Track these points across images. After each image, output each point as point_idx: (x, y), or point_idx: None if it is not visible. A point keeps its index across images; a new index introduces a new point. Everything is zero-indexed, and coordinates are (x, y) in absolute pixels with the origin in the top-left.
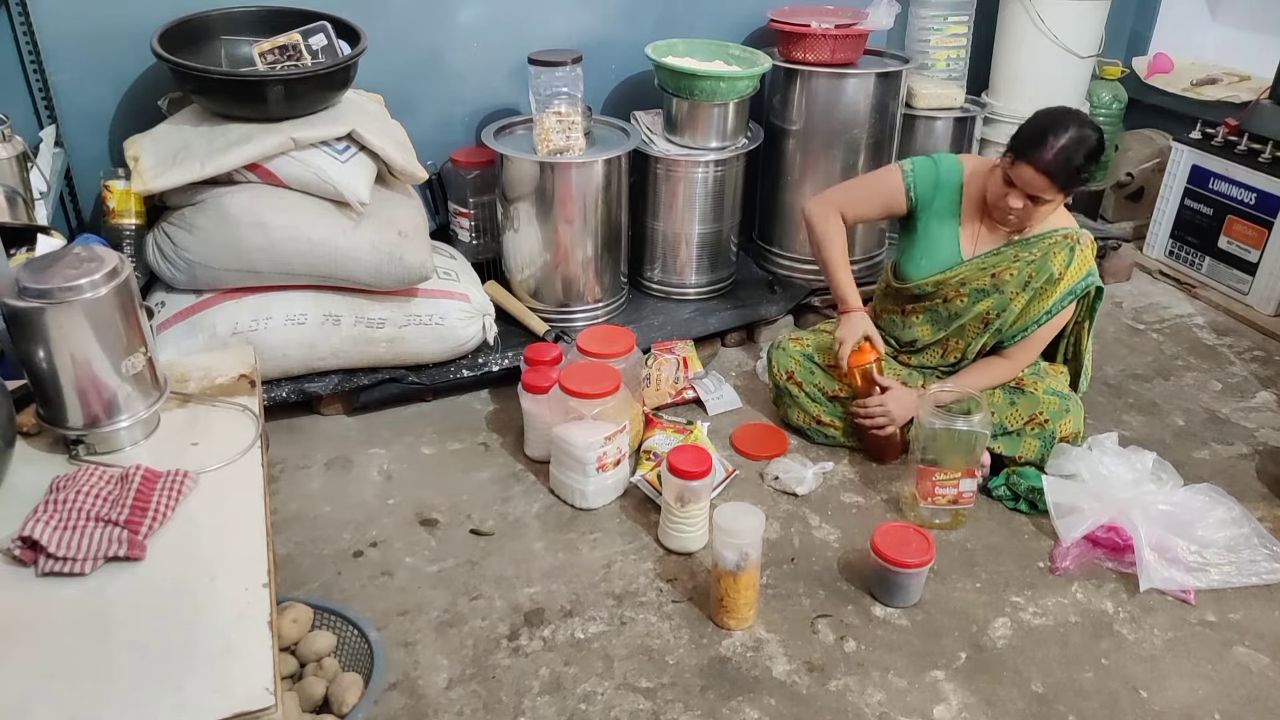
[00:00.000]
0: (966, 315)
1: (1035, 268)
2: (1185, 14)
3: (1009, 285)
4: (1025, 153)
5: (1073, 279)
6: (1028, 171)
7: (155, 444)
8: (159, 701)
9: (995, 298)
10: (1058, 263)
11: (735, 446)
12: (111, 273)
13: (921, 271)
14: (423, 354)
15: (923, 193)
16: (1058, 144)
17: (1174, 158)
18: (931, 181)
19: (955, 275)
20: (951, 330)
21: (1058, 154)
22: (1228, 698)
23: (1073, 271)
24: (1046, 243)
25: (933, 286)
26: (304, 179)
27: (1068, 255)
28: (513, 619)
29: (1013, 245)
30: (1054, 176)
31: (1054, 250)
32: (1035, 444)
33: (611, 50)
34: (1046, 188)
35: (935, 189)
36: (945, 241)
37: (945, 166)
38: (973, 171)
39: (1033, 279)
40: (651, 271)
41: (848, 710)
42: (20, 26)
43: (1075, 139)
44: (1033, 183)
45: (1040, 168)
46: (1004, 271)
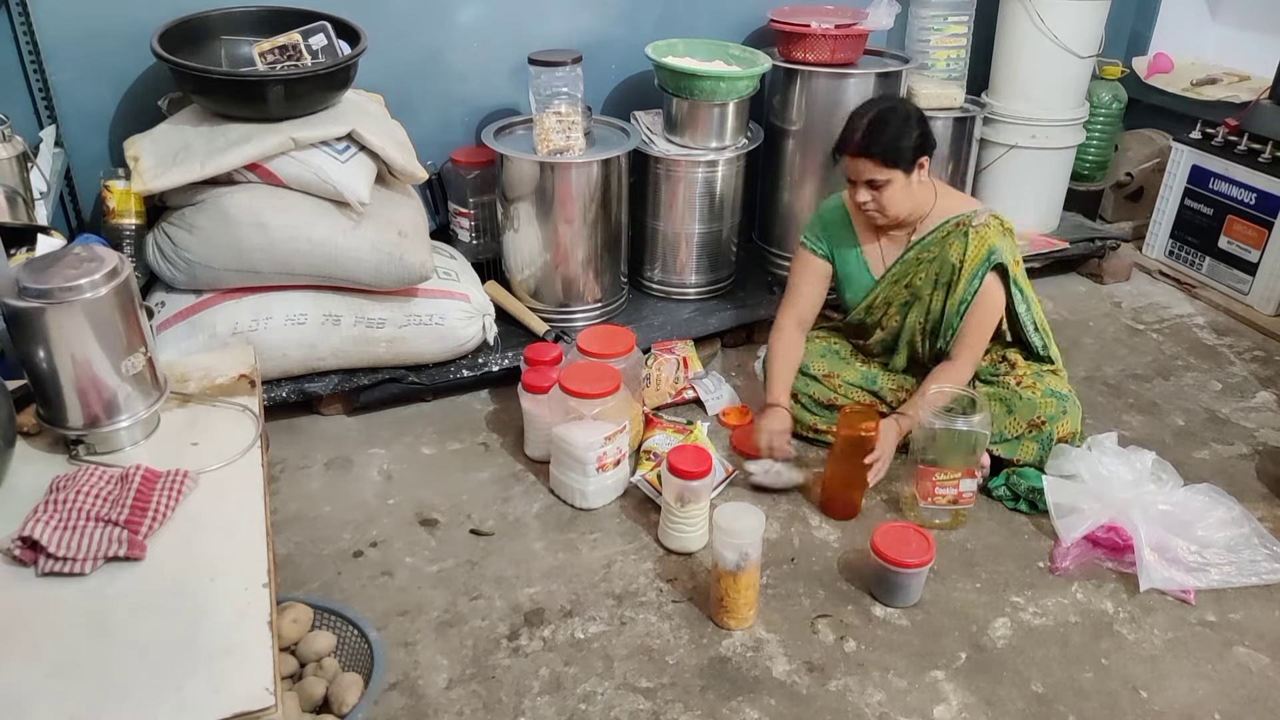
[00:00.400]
0: (906, 332)
1: (939, 264)
2: (1185, 14)
3: (923, 289)
4: (841, 147)
5: (974, 262)
6: (848, 162)
7: (155, 444)
8: (159, 701)
9: (917, 305)
10: (955, 252)
11: (735, 446)
12: (111, 273)
13: (850, 304)
14: (423, 354)
15: (820, 245)
16: (861, 124)
17: (1174, 158)
18: (819, 230)
19: (878, 296)
20: (903, 351)
21: (865, 131)
22: (1228, 698)
23: (971, 255)
24: (940, 235)
25: (864, 313)
26: (304, 179)
27: (962, 241)
28: (513, 619)
29: (913, 249)
30: (869, 152)
31: (949, 241)
32: (1033, 446)
33: (611, 50)
34: (871, 167)
35: (825, 231)
36: (856, 269)
37: (827, 208)
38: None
39: (940, 274)
40: (651, 271)
41: (848, 710)
42: (20, 26)
43: (878, 114)
44: (857, 167)
45: (854, 151)
46: (914, 278)
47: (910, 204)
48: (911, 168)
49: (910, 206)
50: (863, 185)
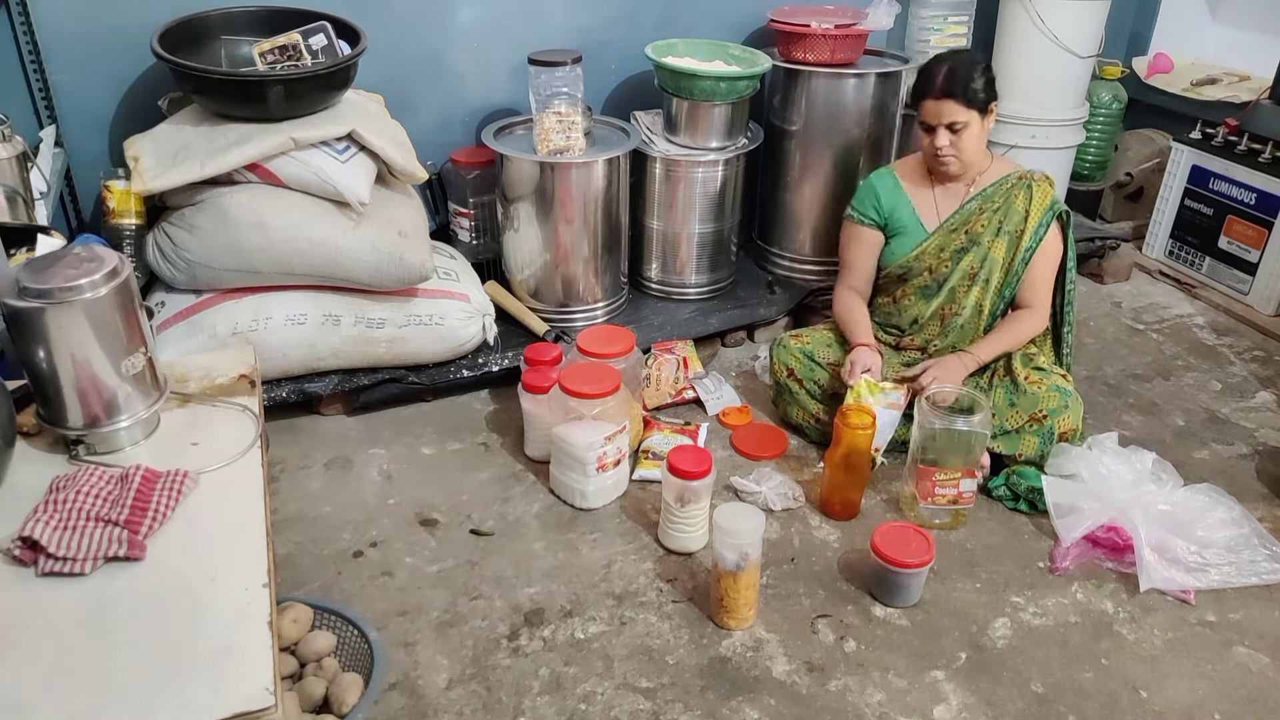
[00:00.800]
0: (954, 276)
1: (1003, 213)
2: (1185, 14)
3: (984, 235)
4: (920, 93)
5: (1039, 210)
6: (930, 104)
7: (155, 444)
8: (159, 701)
9: (975, 250)
10: (1020, 201)
11: (735, 446)
12: (111, 273)
13: (897, 255)
14: (423, 354)
15: (870, 211)
16: (941, 69)
17: (1174, 158)
18: (870, 198)
19: (930, 245)
20: (943, 296)
21: (945, 75)
22: (1228, 698)
23: (1037, 204)
24: (1004, 188)
25: (914, 260)
26: (304, 179)
27: (1027, 193)
28: (513, 619)
29: (973, 200)
30: (952, 93)
31: (1014, 192)
32: (1034, 441)
33: (611, 50)
34: (954, 108)
35: (876, 197)
36: (910, 224)
37: (876, 177)
38: (904, 165)
39: (1004, 223)
40: (651, 271)
41: (848, 710)
42: (20, 26)
43: (955, 60)
44: (939, 110)
45: (936, 93)
46: (974, 224)
47: (981, 150)
48: (986, 111)
49: (980, 153)
50: (943, 129)
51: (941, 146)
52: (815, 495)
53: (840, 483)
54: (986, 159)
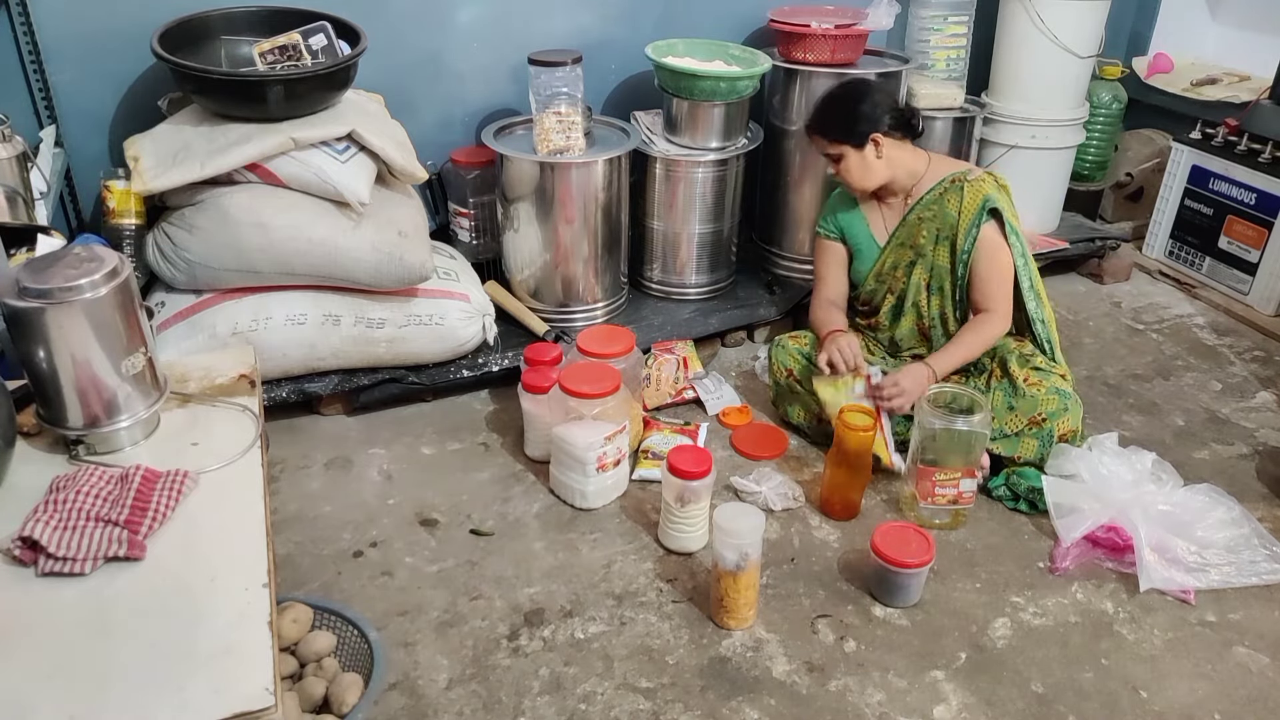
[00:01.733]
0: (911, 291)
1: (938, 219)
2: (1185, 14)
3: (925, 245)
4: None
5: (970, 210)
6: (812, 140)
7: (155, 444)
8: (159, 701)
9: (922, 261)
10: (952, 204)
11: (735, 446)
12: (111, 273)
13: (862, 274)
14: (423, 354)
15: (831, 229)
16: (818, 103)
17: (1174, 158)
18: (830, 214)
19: (885, 261)
20: (910, 312)
21: (813, 111)
22: (1228, 698)
23: (967, 204)
24: (937, 193)
25: (875, 280)
26: (304, 179)
27: (958, 195)
28: (513, 619)
29: (913, 210)
30: (814, 129)
31: (946, 198)
32: (1034, 443)
33: (611, 50)
34: (821, 142)
35: (838, 213)
36: (865, 240)
37: (835, 193)
38: None
39: (940, 229)
40: (651, 271)
41: (848, 710)
42: (20, 26)
43: (828, 94)
44: (820, 146)
45: (806, 129)
46: (917, 236)
47: (870, 176)
48: (863, 143)
49: (874, 177)
50: (830, 159)
51: (838, 172)
52: (815, 495)
53: (840, 483)
54: (917, 171)
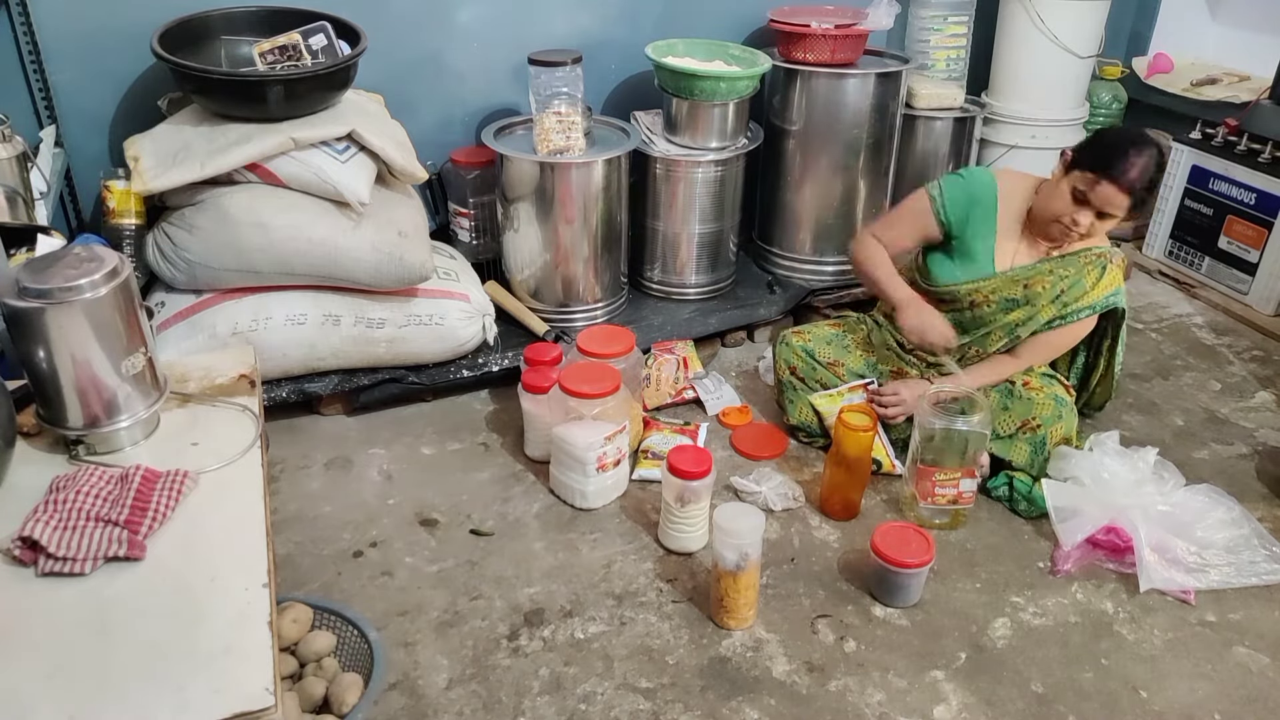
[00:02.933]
0: (993, 324)
1: (1069, 283)
2: (1185, 14)
3: (1041, 298)
4: (1109, 170)
5: (1099, 294)
6: (1109, 190)
7: (155, 444)
8: (159, 701)
9: (1025, 309)
10: (1090, 278)
11: (735, 446)
12: (111, 273)
13: (955, 276)
14: (423, 354)
15: (954, 213)
16: (1139, 162)
17: (1174, 158)
18: (963, 200)
19: (990, 284)
20: (975, 338)
21: (1141, 172)
22: (1228, 698)
23: (1101, 287)
24: (1081, 260)
25: (965, 293)
26: (304, 179)
27: (1099, 273)
28: (513, 619)
29: (1048, 261)
30: (1134, 194)
31: (1088, 268)
32: (1025, 449)
33: (611, 50)
34: (1123, 205)
35: (968, 206)
36: (981, 254)
37: (978, 181)
38: (1010, 186)
39: (1064, 293)
40: (651, 271)
41: (848, 710)
42: (20, 26)
43: (1153, 158)
44: (1113, 200)
45: (1124, 186)
46: (1036, 283)
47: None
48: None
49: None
50: (1093, 211)
51: (1080, 224)
52: (815, 495)
53: (840, 483)
54: None
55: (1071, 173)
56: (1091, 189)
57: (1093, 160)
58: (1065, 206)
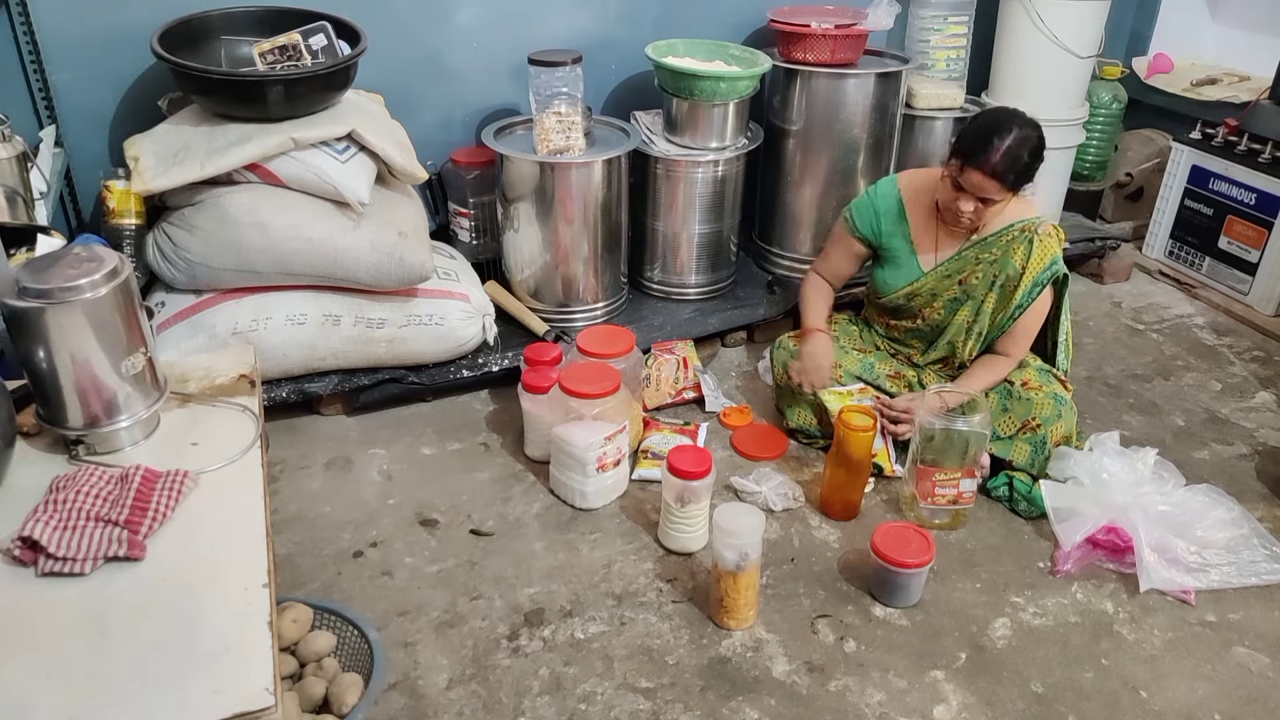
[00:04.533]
0: (950, 329)
1: (998, 266)
2: (1185, 14)
3: (977, 289)
4: (972, 157)
5: (1036, 269)
6: (975, 176)
7: (155, 444)
8: (159, 701)
9: (970, 304)
10: (1018, 256)
11: (735, 447)
12: (111, 273)
13: (890, 287)
14: (423, 354)
15: (865, 229)
16: (1003, 145)
17: (1174, 158)
18: (869, 215)
19: (922, 286)
20: (943, 349)
21: (1004, 155)
22: (1228, 698)
23: (1034, 263)
24: (1005, 239)
25: (904, 299)
26: (304, 179)
27: (1026, 248)
28: (513, 619)
29: (972, 247)
30: (1001, 177)
31: (1013, 246)
32: (1025, 449)
33: (611, 50)
34: (996, 189)
35: (876, 218)
36: (904, 257)
37: (880, 194)
38: (913, 186)
39: (997, 277)
40: (651, 271)
41: (848, 710)
42: (20, 26)
43: (1018, 139)
44: (982, 185)
45: (988, 170)
46: (969, 276)
47: (996, 218)
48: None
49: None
50: (974, 198)
51: (965, 212)
52: (815, 495)
53: (840, 483)
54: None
55: (950, 162)
56: (961, 176)
57: (960, 149)
58: (948, 196)
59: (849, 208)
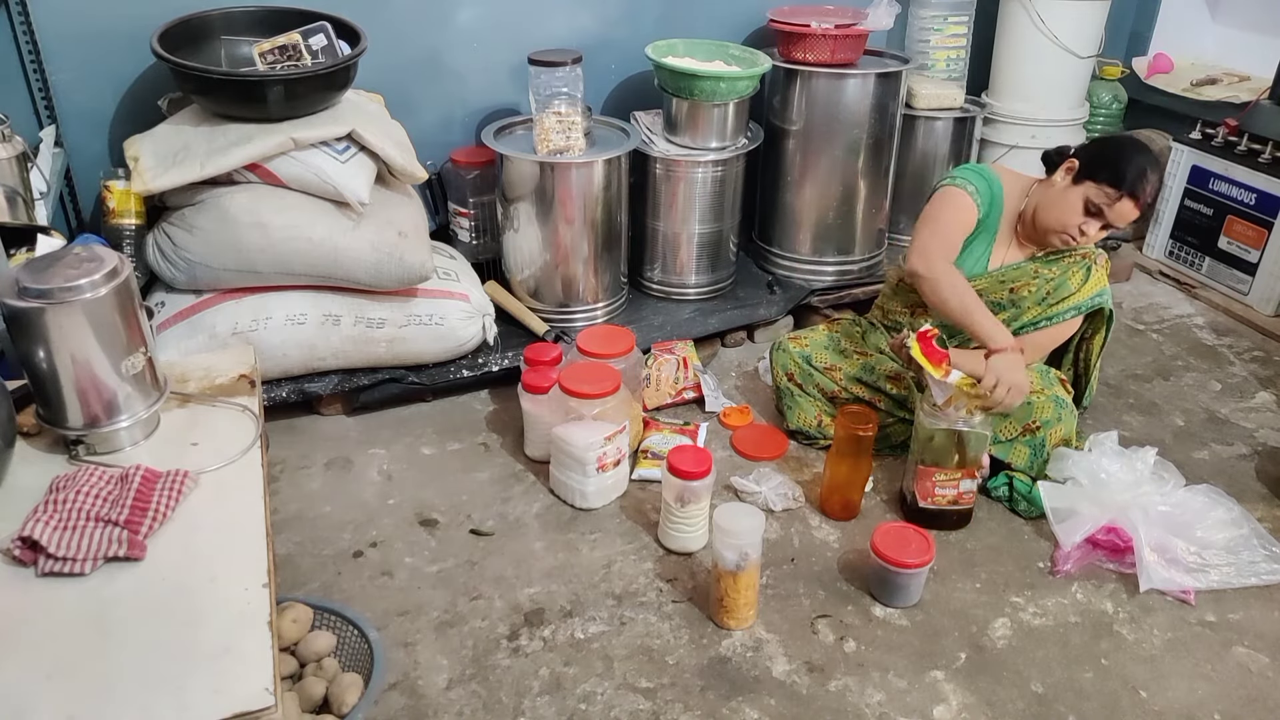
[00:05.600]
0: None
1: (1054, 284)
2: (1185, 14)
3: (1026, 300)
4: (1130, 189)
5: (1084, 295)
6: (1128, 206)
7: (155, 444)
8: (159, 701)
9: (1010, 311)
10: (1075, 280)
11: (735, 447)
12: (111, 273)
13: None
14: (423, 354)
15: (984, 199)
16: (1154, 178)
17: (1174, 158)
18: (988, 195)
19: (977, 284)
20: (964, 340)
21: (1154, 188)
22: (1228, 698)
23: (1086, 289)
24: (1066, 261)
25: None
26: (304, 179)
27: (1084, 274)
28: (513, 619)
29: (1034, 261)
30: (1144, 210)
31: (1073, 269)
32: (1025, 451)
33: (611, 50)
34: (1135, 217)
35: (991, 194)
36: (979, 249)
37: (994, 179)
38: (1008, 187)
39: (1049, 295)
40: (651, 271)
41: (848, 710)
42: (20, 26)
43: (1160, 172)
44: (1129, 216)
45: (1142, 203)
46: (1022, 288)
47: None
48: None
49: None
50: (1102, 222)
51: (1089, 236)
52: (815, 495)
53: (840, 483)
54: None
55: (1084, 183)
56: (1110, 205)
57: (1111, 175)
58: (1076, 217)
59: (963, 180)
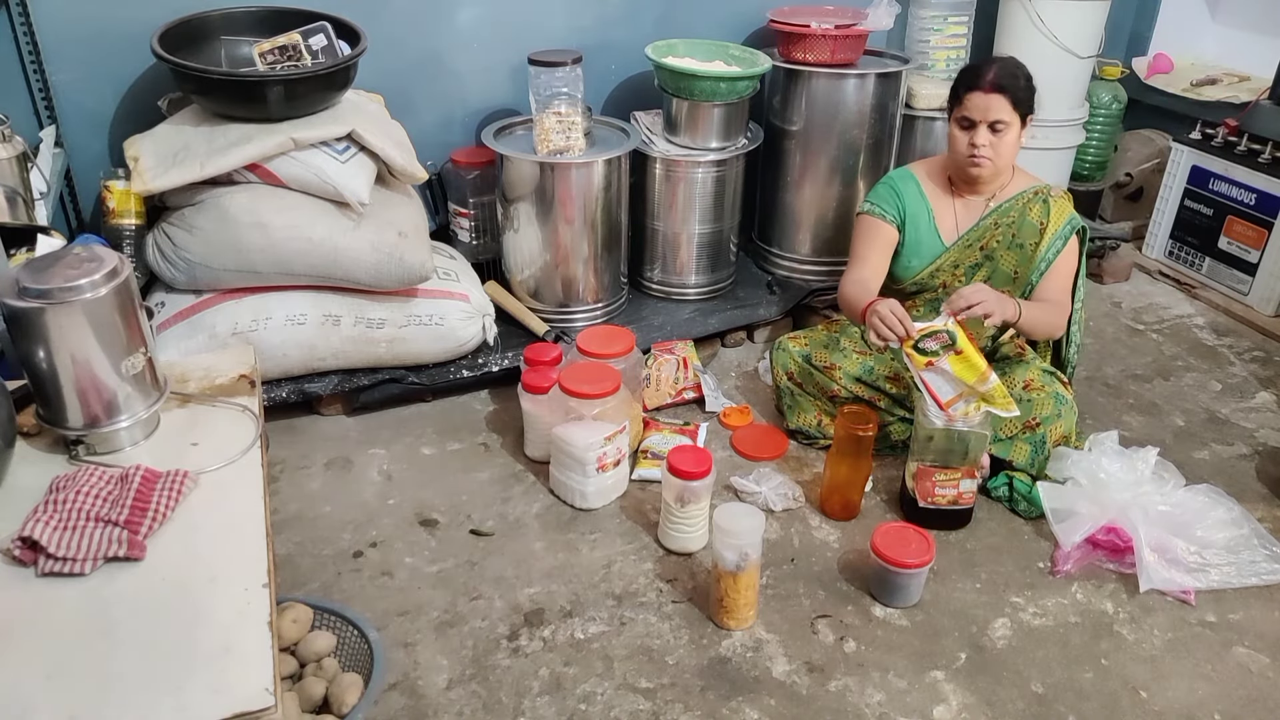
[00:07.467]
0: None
1: (1015, 226)
2: (1185, 14)
3: (996, 250)
4: (967, 85)
5: (1056, 224)
6: (977, 97)
7: (155, 444)
8: (159, 701)
9: (987, 265)
10: (1035, 215)
11: (735, 447)
12: (111, 273)
13: (913, 269)
14: (423, 354)
15: (891, 209)
16: (992, 65)
17: (1174, 158)
18: (891, 196)
19: (946, 260)
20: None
21: (998, 71)
22: (1228, 698)
23: (1054, 219)
24: (1020, 203)
25: (928, 277)
26: (304, 179)
27: (1043, 207)
28: (513, 619)
29: (991, 214)
30: (1003, 88)
31: (1029, 207)
32: (1026, 448)
33: (611, 50)
34: (1002, 104)
35: (898, 197)
36: (927, 234)
37: (896, 177)
38: (923, 169)
39: (1016, 235)
40: (651, 271)
41: (848, 710)
42: (20, 26)
43: (1007, 60)
44: (987, 104)
45: (988, 86)
46: (989, 241)
47: (1011, 160)
48: (1025, 120)
49: (1010, 163)
50: (985, 126)
51: (980, 145)
52: (815, 495)
53: (840, 483)
54: (1010, 173)
55: (951, 115)
56: (965, 107)
57: (954, 90)
58: (959, 141)
59: (867, 200)
